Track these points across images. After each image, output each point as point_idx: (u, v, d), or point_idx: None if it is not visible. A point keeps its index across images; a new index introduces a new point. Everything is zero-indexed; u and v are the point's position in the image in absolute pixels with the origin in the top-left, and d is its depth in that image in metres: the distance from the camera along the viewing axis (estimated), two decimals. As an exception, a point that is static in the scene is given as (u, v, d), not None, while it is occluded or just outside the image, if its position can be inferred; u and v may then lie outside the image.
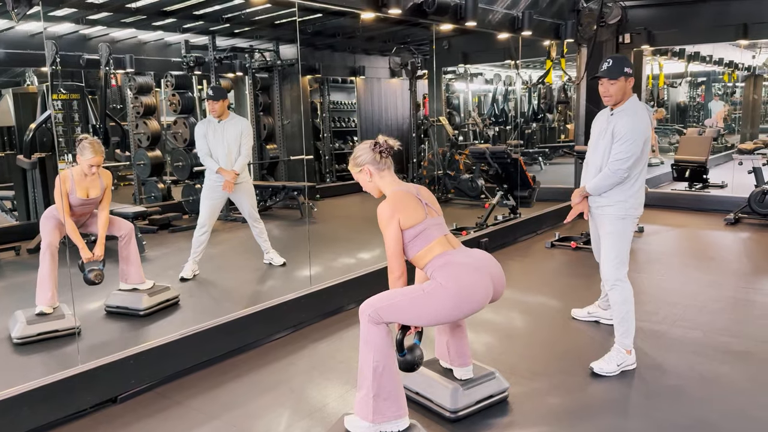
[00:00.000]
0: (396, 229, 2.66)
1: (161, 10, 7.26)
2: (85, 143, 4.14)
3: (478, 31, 6.67)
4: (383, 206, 2.70)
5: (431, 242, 2.70)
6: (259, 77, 10.11)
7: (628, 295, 3.49)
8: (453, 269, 2.64)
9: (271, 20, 8.23)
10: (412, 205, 2.72)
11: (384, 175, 2.81)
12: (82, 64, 7.78)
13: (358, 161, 2.81)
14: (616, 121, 3.46)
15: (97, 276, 4.18)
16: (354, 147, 11.83)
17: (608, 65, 3.48)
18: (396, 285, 2.69)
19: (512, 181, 7.26)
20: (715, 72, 14.17)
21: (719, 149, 13.18)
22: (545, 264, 5.90)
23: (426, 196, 2.82)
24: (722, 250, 6.39)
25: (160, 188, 8.73)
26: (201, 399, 3.25)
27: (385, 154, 2.78)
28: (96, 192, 4.29)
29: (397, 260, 2.69)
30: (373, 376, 2.61)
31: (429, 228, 2.71)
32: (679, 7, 7.89)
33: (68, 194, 4.16)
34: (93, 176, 4.24)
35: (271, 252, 5.71)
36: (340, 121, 12.14)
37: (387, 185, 2.81)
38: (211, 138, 5.31)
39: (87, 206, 4.32)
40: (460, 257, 2.70)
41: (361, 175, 2.84)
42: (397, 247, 2.68)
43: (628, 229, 3.51)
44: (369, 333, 2.64)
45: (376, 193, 2.87)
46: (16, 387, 2.88)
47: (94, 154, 4.12)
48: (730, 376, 3.37)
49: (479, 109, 14.80)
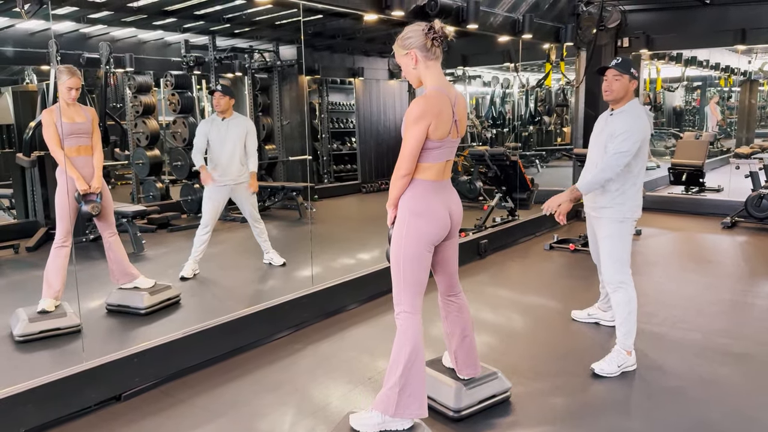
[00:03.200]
0: (422, 131, 2.53)
1: (162, 9, 7.26)
2: (62, 68, 4.18)
3: (477, 33, 6.70)
4: (419, 101, 2.55)
5: (434, 162, 2.62)
6: (259, 78, 10.12)
7: (631, 298, 3.50)
8: (418, 200, 2.64)
9: (272, 21, 8.24)
10: (445, 116, 2.57)
11: (430, 65, 2.61)
12: (82, 62, 7.78)
13: (406, 43, 2.60)
14: (615, 121, 3.46)
15: (94, 208, 4.20)
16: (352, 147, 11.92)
17: (617, 61, 3.50)
18: (398, 183, 2.62)
19: (511, 184, 7.29)
20: (712, 77, 14.26)
21: (715, 153, 13.26)
22: (544, 266, 5.93)
23: (460, 111, 2.67)
24: (719, 253, 6.43)
25: (158, 187, 8.72)
26: (205, 397, 3.26)
27: (438, 42, 2.58)
28: (82, 118, 4.30)
29: (409, 161, 2.57)
30: (404, 369, 2.61)
31: (443, 148, 2.62)
32: (678, 11, 7.95)
33: (56, 125, 4.17)
34: (75, 106, 4.27)
35: (271, 252, 5.73)
36: (339, 122, 12.15)
37: (431, 78, 2.62)
38: (213, 136, 5.33)
39: (78, 137, 4.28)
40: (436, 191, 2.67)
41: (405, 59, 2.63)
42: (416, 149, 2.55)
43: (626, 231, 3.51)
44: (406, 326, 2.66)
45: (416, 83, 2.68)
46: (20, 384, 2.89)
47: (70, 75, 4.15)
48: (729, 377, 3.40)
49: (477, 112, 14.85)
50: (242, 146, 5.38)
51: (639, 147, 3.38)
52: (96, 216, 4.27)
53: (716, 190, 9.46)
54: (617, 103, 3.51)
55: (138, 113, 8.73)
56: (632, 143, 3.33)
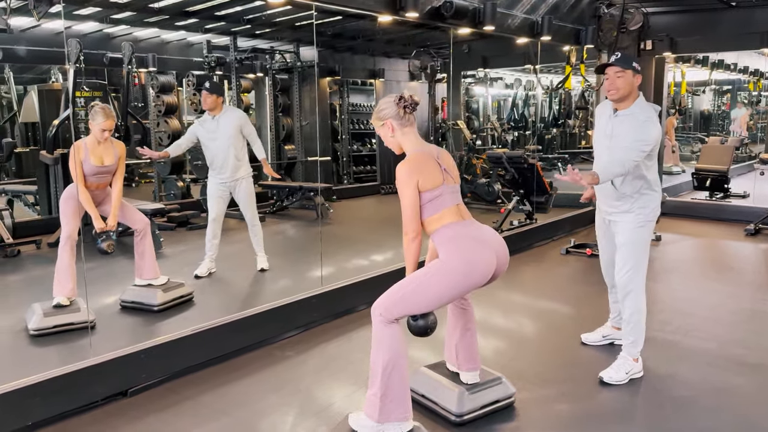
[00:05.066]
0: (414, 190, 2.64)
1: (184, 10, 7.36)
2: (97, 108, 4.21)
3: (497, 35, 6.65)
4: (402, 166, 2.68)
5: (443, 209, 2.69)
6: (279, 78, 10.19)
7: (642, 305, 3.43)
8: (459, 242, 2.65)
9: (292, 22, 8.29)
10: (431, 168, 2.70)
11: (406, 131, 2.77)
12: (106, 62, 7.92)
13: (381, 115, 2.77)
14: (625, 125, 3.29)
15: (109, 246, 4.23)
16: (372, 149, 11.93)
17: (617, 56, 3.34)
18: (410, 247, 2.67)
19: (529, 187, 7.23)
20: (740, 80, 13.95)
21: (742, 158, 12.98)
22: (559, 270, 5.86)
23: (446, 161, 2.78)
24: (741, 261, 6.29)
25: (179, 186, 8.84)
26: (210, 395, 3.29)
27: (409, 109, 2.74)
28: (110, 159, 4.31)
29: (412, 222, 2.66)
30: (382, 375, 2.63)
31: (444, 194, 2.70)
32: (703, 14, 7.78)
33: (82, 163, 4.21)
34: (106, 144, 4.29)
35: (261, 254, 5.63)
36: (359, 123, 12.17)
37: (409, 143, 2.78)
38: (204, 135, 5.26)
39: (101, 176, 4.32)
40: (468, 230, 2.71)
41: (383, 130, 2.80)
42: (413, 209, 2.66)
43: (647, 236, 3.43)
44: (381, 333, 2.65)
45: (397, 150, 2.83)
46: (28, 377, 2.94)
47: (105, 118, 4.17)
48: (743, 387, 3.31)
49: (499, 114, 14.75)
50: (237, 141, 5.25)
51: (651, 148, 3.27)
52: (110, 254, 4.30)
53: (742, 196, 9.25)
54: (623, 102, 3.34)
55: (160, 113, 8.85)
56: (647, 144, 3.21)
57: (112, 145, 4.35)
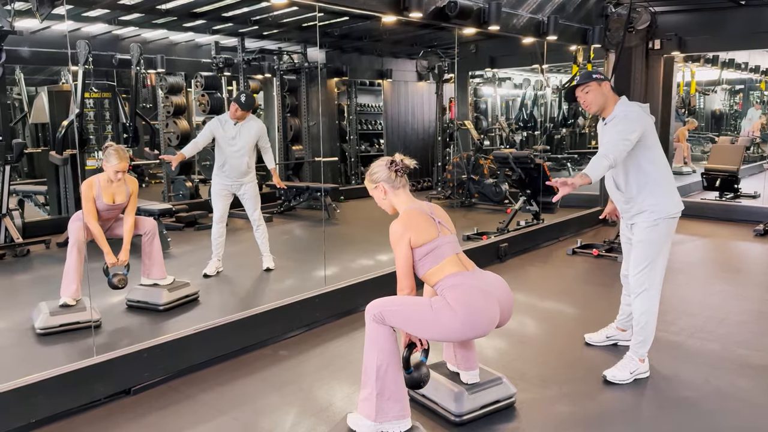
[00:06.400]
0: (406, 247, 2.70)
1: (191, 11, 7.40)
2: (111, 150, 4.24)
3: (504, 35, 6.63)
4: (395, 224, 2.74)
5: (442, 261, 2.71)
6: (287, 79, 10.22)
7: (653, 306, 3.39)
8: (463, 291, 2.64)
9: (298, 23, 8.32)
10: (424, 223, 2.74)
11: (399, 193, 2.84)
12: (115, 63, 7.98)
13: (374, 178, 2.85)
14: (612, 127, 3.33)
15: (120, 281, 4.31)
16: (380, 149, 11.94)
17: (577, 79, 3.49)
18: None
19: (535, 187, 7.21)
20: (752, 80, 13.82)
21: (753, 158, 12.86)
22: (565, 271, 5.84)
23: (439, 215, 2.84)
24: (749, 261, 6.24)
25: (188, 186, 8.90)
26: (211, 394, 3.31)
27: (401, 173, 2.82)
28: (122, 198, 4.39)
29: (406, 278, 2.72)
30: (377, 375, 2.64)
31: (441, 246, 2.73)
32: (712, 12, 7.72)
33: (95, 199, 4.28)
34: (119, 182, 4.34)
35: (266, 254, 5.68)
36: (367, 123, 12.19)
37: (401, 203, 2.84)
38: (222, 137, 5.33)
39: (113, 211, 4.43)
40: (471, 280, 2.70)
41: (376, 192, 2.87)
42: (407, 266, 2.71)
43: (662, 234, 3.36)
44: (374, 332, 2.67)
45: (390, 210, 2.91)
46: (32, 375, 2.98)
47: (119, 160, 4.21)
48: (746, 389, 3.29)
49: (507, 114, 14.70)
50: (251, 151, 5.39)
51: (643, 136, 3.25)
52: (121, 288, 4.36)
53: (752, 196, 9.17)
54: (605, 111, 3.43)
55: (169, 113, 8.91)
56: (630, 132, 3.21)
57: (125, 183, 4.41)
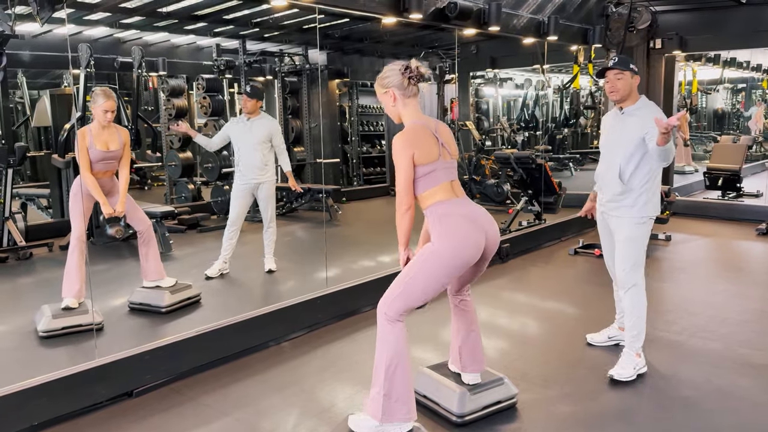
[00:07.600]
0: (408, 162, 2.63)
1: (192, 14, 7.41)
2: (97, 90, 4.27)
3: (504, 35, 6.64)
4: (399, 137, 2.67)
5: (437, 185, 2.69)
6: (288, 81, 10.24)
7: (643, 300, 3.46)
8: (450, 222, 2.65)
9: (299, 25, 8.33)
10: (428, 142, 2.68)
11: (408, 102, 2.75)
12: (116, 66, 8.01)
13: (385, 83, 2.74)
14: (633, 119, 3.35)
15: (117, 231, 4.30)
16: (381, 150, 11.95)
17: (615, 60, 3.46)
18: (403, 219, 2.69)
19: (537, 187, 7.20)
20: (754, 78, 13.80)
21: (756, 157, 12.83)
22: (567, 271, 5.84)
23: (444, 135, 2.76)
24: (752, 261, 6.23)
25: (190, 189, 8.91)
26: (213, 396, 3.32)
27: (414, 80, 2.71)
28: (115, 145, 4.37)
29: (406, 194, 2.67)
30: (385, 375, 2.64)
31: (438, 170, 2.69)
32: (713, 12, 7.72)
33: (88, 149, 4.26)
34: (110, 129, 4.34)
35: (269, 256, 5.71)
36: (368, 124, 12.20)
37: (408, 114, 2.76)
38: (236, 134, 5.44)
39: (107, 162, 4.37)
40: (459, 209, 2.70)
41: (385, 97, 2.77)
42: (407, 181, 2.65)
43: (646, 232, 3.47)
44: (385, 332, 2.67)
45: (396, 119, 2.82)
46: (35, 378, 2.98)
47: (106, 98, 4.23)
48: (748, 389, 3.28)
49: (509, 114, 14.69)
50: (265, 147, 5.43)
51: None
52: (119, 239, 4.36)
53: (755, 195, 9.15)
54: (625, 101, 3.45)
55: (171, 116, 8.92)
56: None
57: (117, 130, 4.42)
